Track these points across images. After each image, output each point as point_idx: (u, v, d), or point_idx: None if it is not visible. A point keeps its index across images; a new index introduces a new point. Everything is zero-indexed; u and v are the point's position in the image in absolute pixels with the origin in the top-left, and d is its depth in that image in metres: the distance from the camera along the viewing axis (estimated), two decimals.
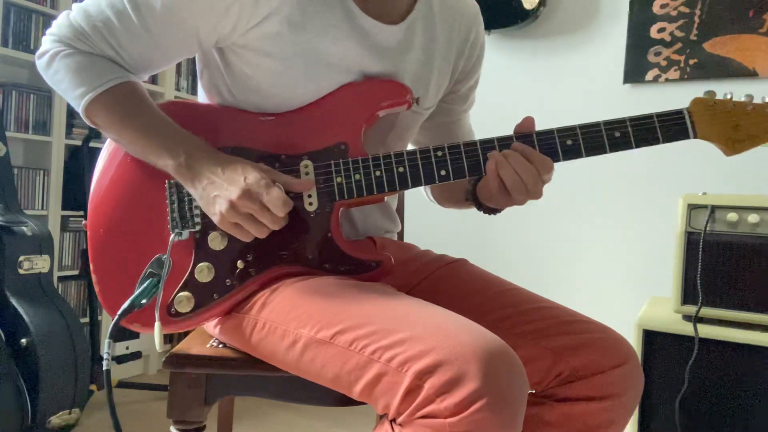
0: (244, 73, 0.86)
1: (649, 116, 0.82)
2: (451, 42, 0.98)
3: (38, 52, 0.85)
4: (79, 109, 0.83)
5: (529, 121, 0.84)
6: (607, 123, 0.83)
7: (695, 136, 0.81)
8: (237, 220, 0.77)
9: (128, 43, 0.83)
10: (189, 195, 0.84)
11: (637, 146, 0.83)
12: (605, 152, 0.83)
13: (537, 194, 0.82)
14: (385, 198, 0.96)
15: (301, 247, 0.83)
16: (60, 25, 0.84)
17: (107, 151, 0.89)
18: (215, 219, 0.78)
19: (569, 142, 0.83)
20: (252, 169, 0.78)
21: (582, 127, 0.83)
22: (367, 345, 0.69)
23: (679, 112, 0.82)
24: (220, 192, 0.77)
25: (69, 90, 0.83)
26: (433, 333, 0.66)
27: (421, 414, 0.63)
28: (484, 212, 0.96)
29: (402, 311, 0.71)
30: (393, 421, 0.68)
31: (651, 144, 0.82)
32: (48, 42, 0.84)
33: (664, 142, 0.82)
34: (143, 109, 0.84)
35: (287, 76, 0.84)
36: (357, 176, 0.83)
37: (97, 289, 0.85)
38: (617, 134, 0.82)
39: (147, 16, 0.81)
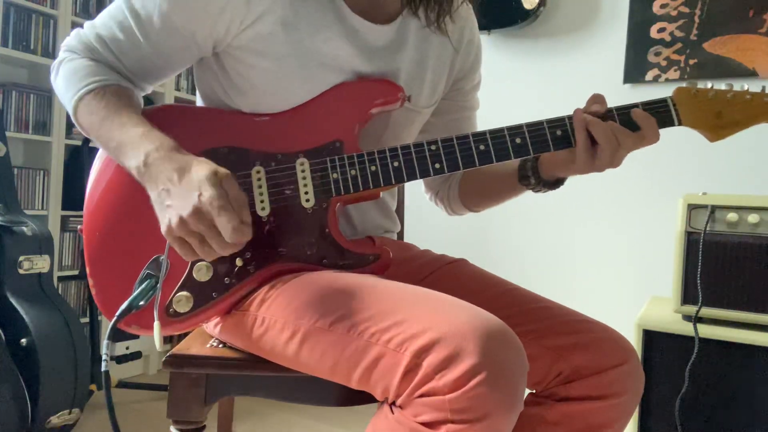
0: (239, 74, 0.86)
1: (635, 105, 0.84)
2: (446, 40, 0.98)
3: (52, 66, 0.88)
4: (71, 113, 0.83)
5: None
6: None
7: (679, 123, 0.83)
8: (184, 236, 0.71)
9: (129, 51, 0.85)
10: None
11: None
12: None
13: (619, 161, 0.82)
14: (382, 194, 0.96)
15: (300, 243, 0.84)
16: (71, 37, 0.88)
17: (102, 154, 0.89)
18: (162, 228, 0.73)
19: (559, 132, 0.84)
20: (209, 185, 0.69)
21: (570, 117, 0.84)
22: (366, 329, 0.69)
23: (663, 100, 0.84)
24: (173, 203, 0.72)
25: (65, 96, 0.84)
26: (431, 313, 0.67)
27: (420, 393, 0.63)
28: (543, 189, 0.95)
29: (399, 296, 0.72)
30: (392, 404, 0.68)
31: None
32: (60, 54, 0.88)
33: None
34: (122, 111, 0.81)
35: (281, 77, 0.85)
36: (353, 171, 0.83)
37: (93, 292, 0.84)
38: None
39: (146, 25, 0.83)
